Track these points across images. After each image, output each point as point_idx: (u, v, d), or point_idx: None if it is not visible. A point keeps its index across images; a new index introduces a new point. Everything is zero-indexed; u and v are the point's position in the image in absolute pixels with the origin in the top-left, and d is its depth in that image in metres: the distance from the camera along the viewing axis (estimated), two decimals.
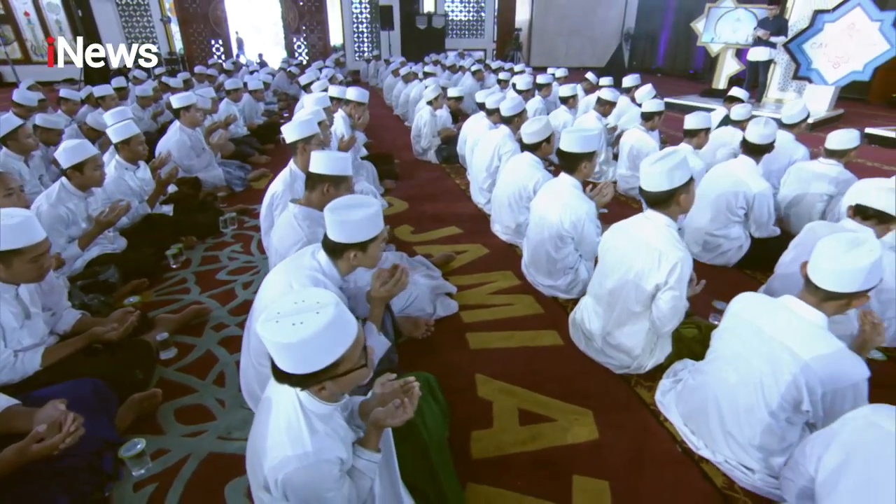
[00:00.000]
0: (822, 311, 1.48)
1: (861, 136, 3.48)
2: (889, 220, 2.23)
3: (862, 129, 7.13)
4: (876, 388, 1.48)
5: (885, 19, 7.37)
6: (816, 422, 1.50)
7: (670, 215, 1.95)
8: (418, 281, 2.56)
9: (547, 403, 1.98)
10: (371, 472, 1.37)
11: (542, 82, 5.71)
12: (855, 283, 1.41)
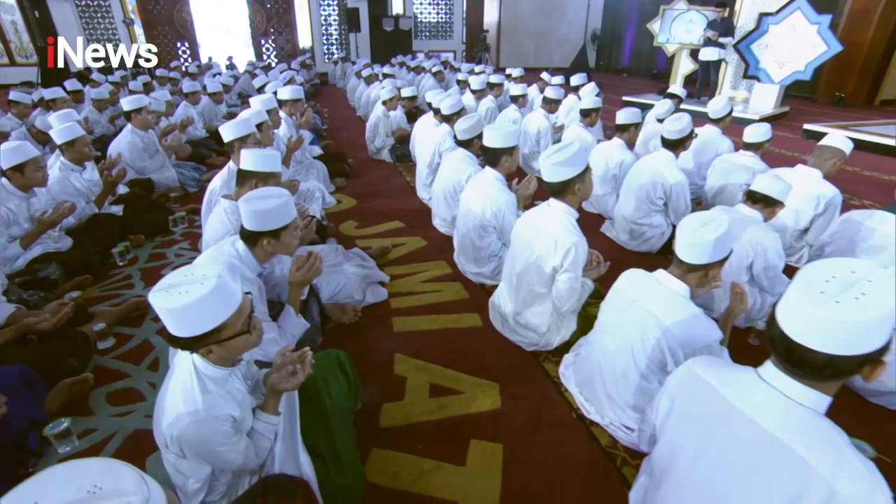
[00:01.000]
0: (686, 283, 1.67)
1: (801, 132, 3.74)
2: (773, 203, 2.47)
3: (801, 126, 7.55)
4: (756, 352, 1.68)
5: (822, 22, 7.77)
6: None
7: (569, 203, 2.13)
8: (348, 270, 2.71)
9: (457, 378, 2.15)
10: (269, 433, 1.52)
11: (494, 82, 5.91)
12: (705, 255, 1.60)
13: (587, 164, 2.08)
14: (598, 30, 16.14)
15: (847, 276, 0.97)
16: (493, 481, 1.67)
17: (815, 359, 0.97)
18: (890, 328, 0.94)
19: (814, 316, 0.94)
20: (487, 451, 1.79)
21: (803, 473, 0.98)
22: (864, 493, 0.92)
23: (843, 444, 0.98)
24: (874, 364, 0.97)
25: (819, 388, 1.02)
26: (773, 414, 1.05)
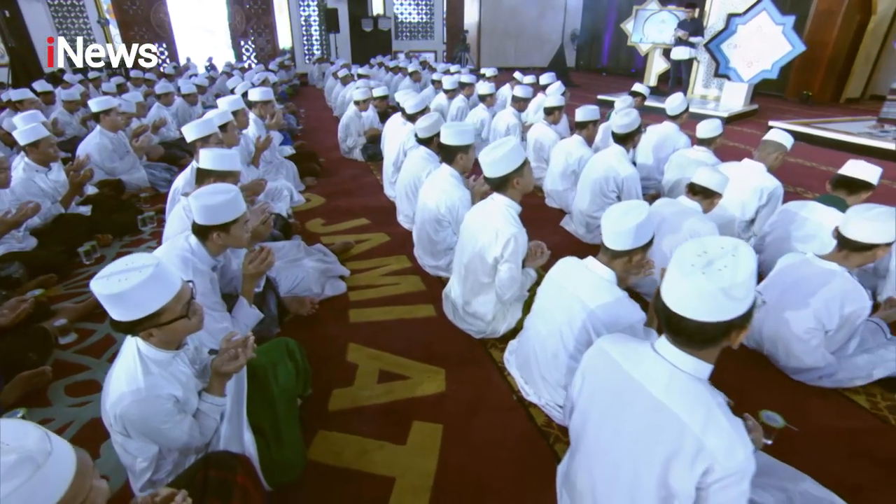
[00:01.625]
0: (612, 268, 1.78)
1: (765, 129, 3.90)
2: (712, 195, 2.61)
3: (766, 123, 7.77)
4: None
5: (786, 23, 8.00)
6: None
7: (510, 197, 2.25)
8: (306, 265, 2.80)
9: (407, 365, 2.26)
10: (215, 413, 1.61)
11: (465, 82, 6.02)
12: (628, 241, 1.71)
13: (524, 160, 2.19)
14: (578, 30, 16.34)
15: (716, 252, 1.09)
16: (431, 459, 1.78)
17: (689, 326, 1.08)
18: (749, 297, 1.06)
19: (685, 287, 1.06)
20: (428, 431, 1.90)
21: (679, 431, 1.10)
22: (725, 447, 1.04)
23: (714, 405, 1.10)
24: (738, 329, 1.09)
25: (699, 356, 1.14)
26: (660, 381, 1.17)
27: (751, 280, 1.04)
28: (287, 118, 6.82)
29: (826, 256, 2.10)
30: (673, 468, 1.10)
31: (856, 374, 2.13)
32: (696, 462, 1.06)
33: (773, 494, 1.41)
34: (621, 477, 1.25)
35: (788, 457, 1.66)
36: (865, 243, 1.98)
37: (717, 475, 1.04)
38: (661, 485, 1.14)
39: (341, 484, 1.69)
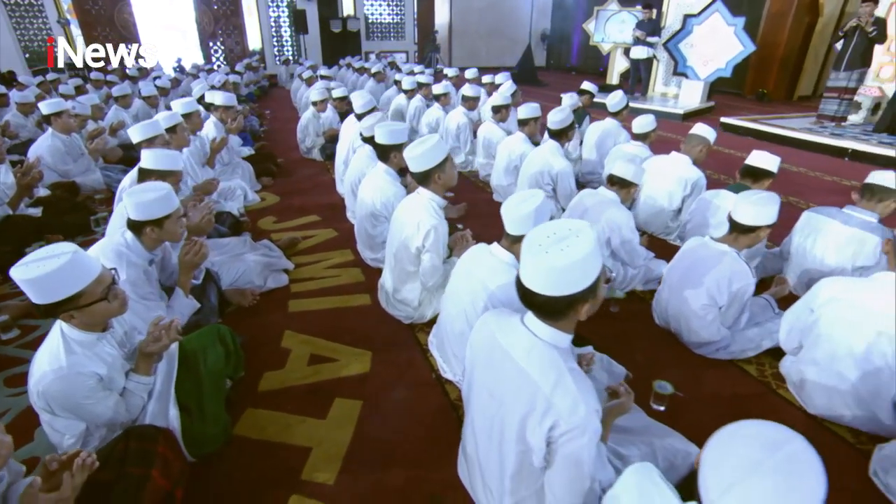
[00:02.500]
0: (512, 252, 1.96)
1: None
2: (628, 185, 2.82)
3: (719, 119, 8.09)
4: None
5: (737, 24, 8.35)
6: None
7: (433, 191, 2.41)
8: (248, 259, 2.93)
9: (336, 349, 2.41)
10: (142, 392, 1.74)
11: (423, 82, 6.19)
12: (527, 226, 1.87)
13: (445, 157, 2.36)
14: (548, 30, 16.66)
15: (563, 233, 1.24)
16: (347, 430, 1.93)
17: (538, 300, 1.23)
18: (588, 275, 1.20)
19: (532, 265, 1.22)
20: (348, 406, 2.05)
21: (533, 392, 1.26)
22: (569, 405, 1.20)
23: (565, 369, 1.24)
24: (582, 303, 1.22)
25: (556, 326, 1.29)
26: (523, 349, 1.32)
27: (589, 259, 1.17)
28: (250, 119, 6.90)
29: (719, 239, 2.31)
30: (528, 424, 1.27)
31: (747, 346, 2.35)
32: (545, 418, 1.22)
33: (638, 447, 1.59)
34: (493, 436, 1.42)
35: (679, 419, 1.89)
36: (750, 225, 2.19)
37: (562, 429, 1.20)
38: (519, 440, 1.31)
39: (262, 454, 1.84)
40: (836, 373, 1.93)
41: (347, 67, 10.63)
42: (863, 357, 1.85)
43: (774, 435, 0.84)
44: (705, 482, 0.85)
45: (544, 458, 1.26)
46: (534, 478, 1.34)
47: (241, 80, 9.90)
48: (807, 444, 0.82)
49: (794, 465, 0.79)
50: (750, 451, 0.82)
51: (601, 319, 2.70)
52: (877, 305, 1.82)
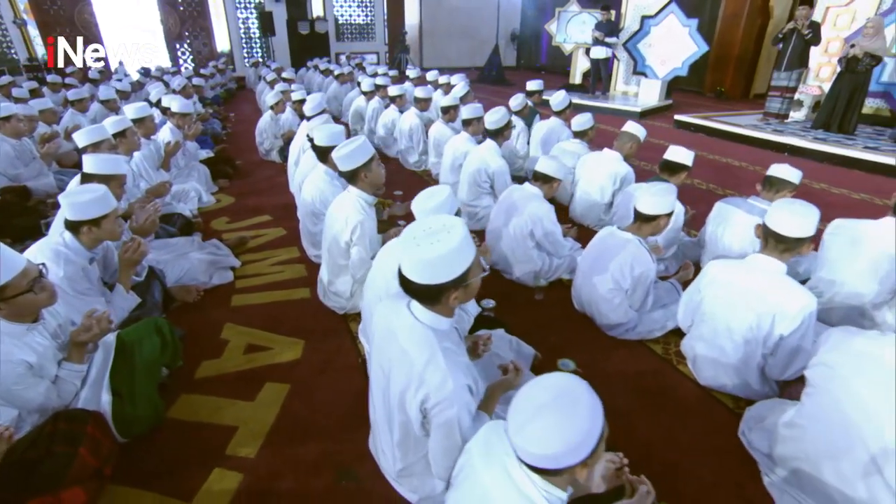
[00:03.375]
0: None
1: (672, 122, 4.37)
2: (551, 180, 3.02)
3: (673, 116, 8.42)
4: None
5: (692, 25, 8.70)
6: None
7: (361, 189, 2.59)
8: (193, 257, 3.06)
9: (272, 339, 2.58)
10: (74, 379, 1.89)
11: (381, 84, 6.36)
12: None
13: (371, 156, 2.53)
14: (517, 30, 16.95)
15: (436, 228, 1.39)
16: (273, 411, 2.10)
17: (413, 287, 1.39)
18: (457, 266, 1.34)
19: (408, 256, 1.38)
20: (276, 389, 2.22)
21: (410, 368, 1.43)
22: (438, 380, 1.38)
23: (438, 349, 1.40)
24: (453, 291, 1.38)
25: (434, 311, 1.45)
26: (405, 330, 1.48)
27: (456, 253, 1.32)
28: (211, 122, 6.98)
29: (625, 228, 2.54)
30: (406, 397, 1.45)
31: (654, 327, 2.58)
32: (418, 392, 1.41)
33: None
34: (384, 408, 1.60)
35: None
36: (649, 214, 2.42)
37: (433, 401, 1.38)
38: (401, 411, 1.50)
39: (192, 434, 1.99)
40: (718, 347, 2.16)
41: (314, 69, 10.73)
42: (737, 331, 2.08)
43: (561, 383, 1.03)
44: (508, 425, 1.04)
45: (423, 427, 1.45)
46: (419, 445, 1.53)
47: (207, 83, 9.94)
48: (585, 388, 1.01)
49: (570, 405, 0.98)
50: (540, 396, 1.01)
51: (526, 306, 2.92)
52: (747, 284, 2.05)
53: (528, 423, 0.98)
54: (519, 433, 0.99)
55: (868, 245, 2.46)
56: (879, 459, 1.50)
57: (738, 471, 1.87)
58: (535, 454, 0.98)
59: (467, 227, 1.42)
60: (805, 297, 1.94)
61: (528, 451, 0.99)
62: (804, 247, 2.02)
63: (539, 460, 0.99)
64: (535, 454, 0.98)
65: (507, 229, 2.99)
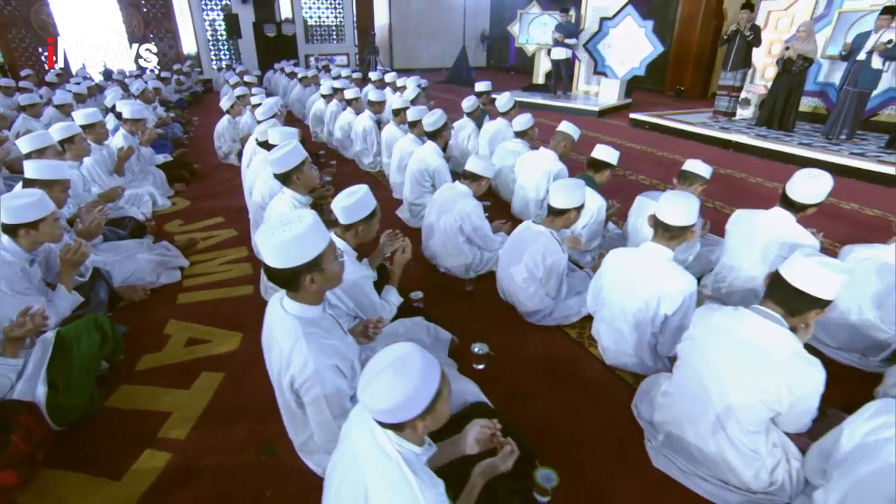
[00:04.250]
0: (344, 239, 2.30)
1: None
2: (478, 178, 3.23)
3: (628, 115, 8.74)
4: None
5: (647, 26, 9.03)
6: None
7: (295, 190, 2.77)
8: (140, 258, 3.20)
9: (212, 332, 2.74)
10: (9, 373, 2.03)
11: (338, 87, 6.52)
12: (349, 217, 2.21)
13: (303, 159, 2.72)
14: (487, 30, 17.22)
15: (290, 219, 1.52)
16: (206, 397, 2.27)
17: (272, 273, 1.53)
18: (307, 251, 1.48)
19: (262, 243, 1.51)
20: (210, 378, 2.39)
21: (280, 354, 1.60)
22: (301, 362, 1.54)
23: (301, 335, 1.55)
24: (308, 273, 1.51)
25: (297, 300, 1.60)
26: (277, 322, 1.63)
27: (303, 238, 1.45)
28: (172, 127, 7.05)
29: (540, 221, 2.76)
30: (282, 381, 1.64)
31: (569, 313, 2.81)
32: (287, 374, 1.59)
33: None
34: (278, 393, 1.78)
35: (500, 375, 2.39)
36: (559, 208, 2.64)
37: (299, 382, 1.57)
38: (281, 393, 1.71)
39: (127, 420, 2.15)
40: (617, 328, 2.40)
41: (281, 72, 10.82)
42: (630, 313, 2.32)
43: (401, 350, 1.22)
44: (358, 387, 1.23)
45: (299, 406, 1.64)
46: (305, 424, 1.72)
47: (171, 87, 9.96)
48: (421, 355, 1.20)
49: (403, 367, 1.17)
50: (382, 360, 1.21)
51: (457, 296, 3.13)
52: (638, 269, 2.29)
53: (370, 383, 1.17)
54: (363, 392, 1.18)
55: (760, 233, 2.73)
56: (723, 418, 1.75)
57: (626, 438, 2.10)
58: (376, 409, 1.17)
59: (318, 219, 1.56)
60: (685, 280, 2.18)
61: (371, 408, 1.18)
62: (688, 234, 2.26)
63: (380, 415, 1.18)
64: (376, 409, 1.17)
65: (438, 225, 3.20)
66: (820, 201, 2.64)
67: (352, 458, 1.31)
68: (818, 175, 2.63)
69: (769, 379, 1.64)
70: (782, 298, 1.69)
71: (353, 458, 1.31)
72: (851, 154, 5.83)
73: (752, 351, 1.68)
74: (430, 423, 1.23)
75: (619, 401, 2.29)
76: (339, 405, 1.58)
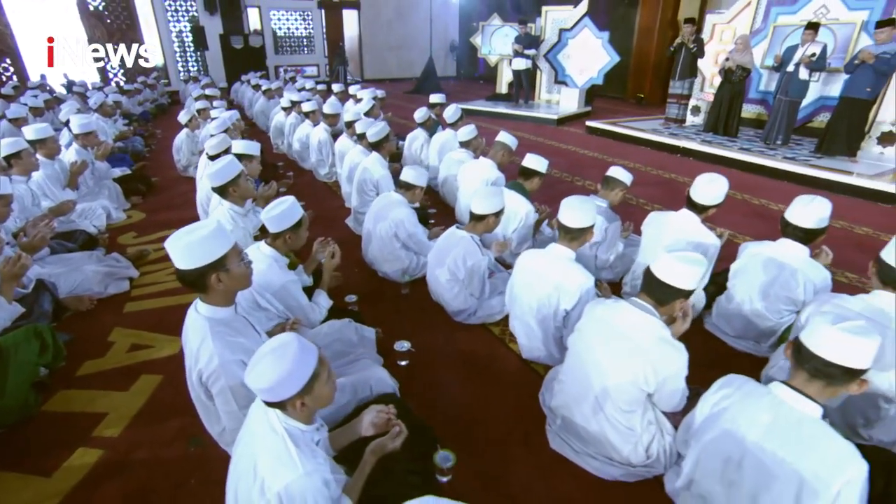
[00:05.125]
0: (273, 247, 2.48)
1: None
2: (412, 188, 3.44)
3: (584, 122, 9.09)
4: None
5: (604, 37, 9.43)
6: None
7: (232, 201, 2.95)
8: (86, 269, 3.33)
9: (155, 338, 2.90)
10: None
11: (296, 100, 6.71)
12: (276, 226, 2.41)
13: (238, 172, 2.91)
14: (456, 41, 17.59)
15: (196, 226, 1.71)
16: (143, 398, 2.43)
17: (179, 274, 1.71)
18: (207, 254, 1.65)
19: (171, 248, 1.68)
20: (150, 380, 2.55)
21: (190, 351, 1.80)
22: (207, 357, 1.72)
23: (208, 332, 1.72)
24: (214, 273, 1.68)
25: (210, 302, 1.78)
26: (190, 323, 1.82)
27: (203, 242, 1.65)
28: (132, 140, 7.15)
29: (464, 227, 2.99)
30: (192, 373, 1.82)
31: (492, 311, 3.04)
32: (195, 367, 1.78)
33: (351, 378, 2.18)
34: None
35: (424, 369, 2.61)
36: (479, 214, 2.88)
37: (206, 375, 1.75)
38: (193, 388, 1.89)
39: (63, 421, 2.30)
40: (526, 323, 2.63)
41: (247, 84, 10.95)
42: (536, 308, 2.55)
43: (281, 339, 1.42)
44: (248, 367, 1.42)
45: (208, 399, 1.83)
46: (217, 414, 1.90)
47: (134, 99, 10.02)
48: (298, 343, 1.40)
49: (280, 353, 1.36)
50: (265, 348, 1.40)
51: (393, 299, 3.34)
52: (542, 268, 2.52)
53: (254, 367, 1.37)
54: (248, 375, 1.38)
55: (668, 232, 3.00)
56: (601, 399, 1.98)
57: (530, 424, 2.31)
58: (258, 389, 1.37)
59: (221, 225, 1.78)
60: (582, 277, 2.42)
61: (254, 388, 1.38)
62: (587, 235, 2.51)
63: (263, 394, 1.38)
64: (258, 389, 1.37)
65: (375, 232, 3.41)
66: (719, 202, 2.93)
67: (249, 436, 1.51)
68: (715, 179, 2.92)
69: (637, 361, 1.87)
70: (652, 290, 1.94)
71: (249, 435, 1.50)
72: (784, 158, 6.22)
73: (623, 337, 1.92)
74: (309, 402, 1.43)
75: (530, 391, 2.50)
76: (245, 396, 1.77)
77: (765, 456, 1.54)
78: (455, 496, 1.14)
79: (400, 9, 17.00)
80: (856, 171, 5.72)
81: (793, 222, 2.60)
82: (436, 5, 15.65)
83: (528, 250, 2.71)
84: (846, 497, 1.41)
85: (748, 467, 1.59)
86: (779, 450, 1.51)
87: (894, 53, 5.42)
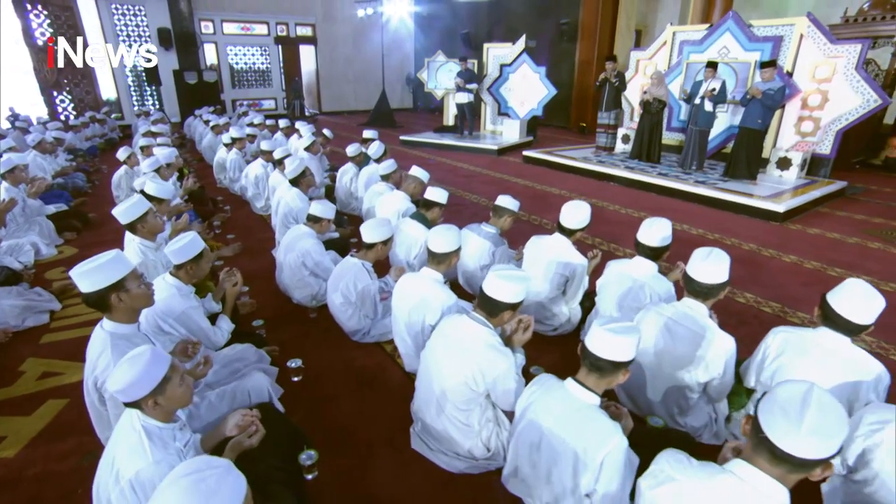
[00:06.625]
0: (177, 277, 2.82)
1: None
2: (319, 220, 3.80)
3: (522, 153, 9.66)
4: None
5: (541, 72, 10.13)
6: None
7: (143, 236, 3.28)
8: (2, 304, 3.57)
9: (68, 365, 3.13)
10: None
11: (236, 136, 7.08)
12: (178, 258, 2.77)
13: (146, 210, 3.25)
14: (412, 74, 18.33)
15: (102, 255, 2.08)
16: (45, 420, 2.68)
17: (84, 297, 2.06)
18: (110, 275, 2.02)
19: (75, 276, 2.03)
20: (54, 404, 2.80)
21: (90, 361, 2.11)
22: (104, 365, 2.05)
23: (109, 344, 2.06)
24: (112, 294, 2.05)
25: (114, 319, 2.13)
26: (94, 338, 2.17)
27: (107, 266, 2.02)
28: (73, 176, 7.36)
29: (356, 255, 3.36)
30: (88, 381, 2.13)
31: (385, 331, 3.39)
32: (92, 374, 2.10)
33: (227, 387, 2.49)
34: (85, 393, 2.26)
35: (314, 387, 2.91)
36: (368, 243, 3.26)
37: (101, 381, 2.07)
38: (88, 392, 2.19)
39: None
40: (402, 338, 2.98)
41: (199, 119, 11.27)
42: (409, 324, 2.91)
43: (139, 349, 1.75)
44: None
45: (102, 403, 2.14)
46: (108, 420, 2.19)
47: (81, 133, 10.22)
48: (151, 351, 1.73)
49: (133, 363, 1.69)
50: (125, 357, 1.73)
51: (301, 322, 3.67)
52: (413, 290, 2.89)
53: (112, 373, 1.69)
54: (108, 380, 1.70)
55: (543, 254, 3.44)
56: (441, 400, 2.34)
57: (400, 429, 2.64)
58: (113, 391, 1.68)
59: (121, 253, 2.14)
60: (444, 295, 2.80)
61: (112, 390, 1.68)
62: (452, 258, 2.90)
63: (119, 395, 1.69)
64: (113, 391, 1.68)
65: (286, 261, 3.76)
66: (584, 226, 3.38)
67: (115, 435, 1.81)
68: (580, 206, 3.38)
69: (468, 365, 2.24)
70: (483, 304, 2.32)
71: (115, 435, 1.81)
72: (696, 182, 6.84)
73: (458, 344, 2.29)
74: (163, 402, 1.74)
75: (409, 401, 2.84)
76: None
77: (553, 439, 1.91)
78: (317, 491, 1.43)
79: (357, 44, 17.68)
80: (755, 193, 6.35)
81: (642, 242, 3.04)
82: (389, 40, 16.38)
83: (406, 274, 3.09)
84: (608, 465, 1.79)
85: (544, 449, 1.96)
86: (562, 432, 1.89)
87: (777, 89, 6.14)
